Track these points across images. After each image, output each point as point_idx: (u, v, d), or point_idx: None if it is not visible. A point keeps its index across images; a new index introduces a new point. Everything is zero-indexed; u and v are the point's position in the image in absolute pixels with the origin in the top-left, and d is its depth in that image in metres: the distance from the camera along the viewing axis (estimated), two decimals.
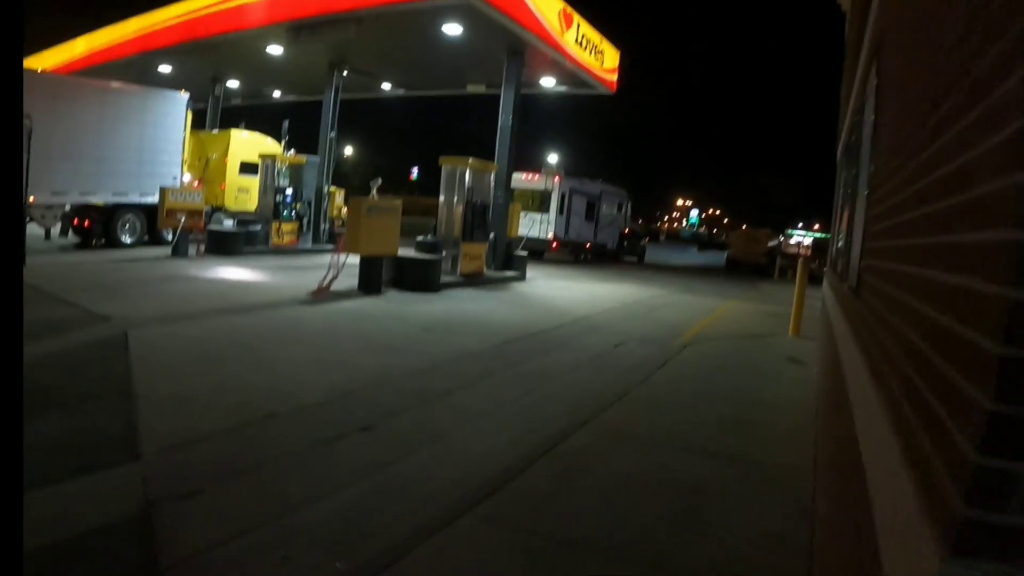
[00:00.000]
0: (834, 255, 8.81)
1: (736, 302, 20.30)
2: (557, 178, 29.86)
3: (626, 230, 38.01)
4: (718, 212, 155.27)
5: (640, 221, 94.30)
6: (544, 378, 8.45)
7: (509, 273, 19.19)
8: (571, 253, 31.51)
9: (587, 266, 29.64)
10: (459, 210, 17.14)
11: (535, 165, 31.85)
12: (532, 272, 21.52)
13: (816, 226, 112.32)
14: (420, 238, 16.55)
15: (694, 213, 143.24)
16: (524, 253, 20.16)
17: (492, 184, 18.49)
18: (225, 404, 6.30)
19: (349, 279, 13.93)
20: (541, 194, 29.93)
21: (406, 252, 15.63)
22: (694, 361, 9.89)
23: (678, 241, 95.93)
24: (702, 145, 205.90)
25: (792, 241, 60.65)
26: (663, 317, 14.89)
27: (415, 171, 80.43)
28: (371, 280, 14.20)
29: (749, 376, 9.22)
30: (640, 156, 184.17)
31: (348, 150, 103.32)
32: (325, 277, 13.49)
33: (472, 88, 26.21)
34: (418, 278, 15.08)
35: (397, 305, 12.96)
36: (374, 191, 15.32)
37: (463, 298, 14.73)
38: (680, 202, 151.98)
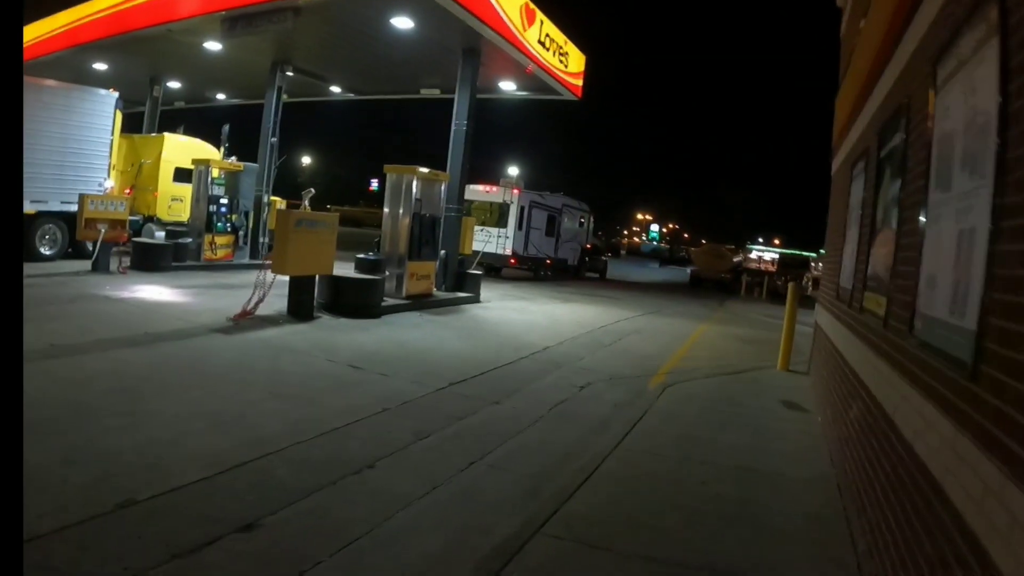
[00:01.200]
0: (851, 286, 7.18)
1: (708, 325, 18.74)
2: (516, 191, 28.18)
3: (588, 245, 36.48)
4: (677, 227, 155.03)
5: (601, 236, 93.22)
6: (494, 438, 6.71)
7: (461, 294, 17.42)
8: (530, 269, 29.84)
9: (547, 284, 27.97)
10: (405, 224, 15.33)
11: (494, 177, 30.21)
12: (488, 292, 19.77)
13: (776, 241, 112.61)
14: (360, 256, 14.70)
15: (654, 228, 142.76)
16: (479, 271, 18.37)
17: (443, 196, 16.74)
18: (72, 484, 4.53)
19: (280, 300, 12.12)
20: (499, 207, 28.23)
21: (347, 270, 13.86)
22: (675, 412, 8.18)
23: (639, 256, 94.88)
24: (662, 158, 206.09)
25: (752, 256, 59.82)
26: (633, 347, 13.22)
27: (375, 182, 78.22)
28: (301, 304, 12.37)
29: (744, 433, 7.53)
30: (601, 170, 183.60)
31: (306, 159, 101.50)
32: (250, 299, 11.62)
33: (426, 92, 24.47)
34: (356, 301, 13.25)
35: (328, 334, 11.14)
36: (306, 202, 13.47)
37: (407, 325, 12.94)
38: (640, 216, 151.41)
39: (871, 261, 6.11)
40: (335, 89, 26.49)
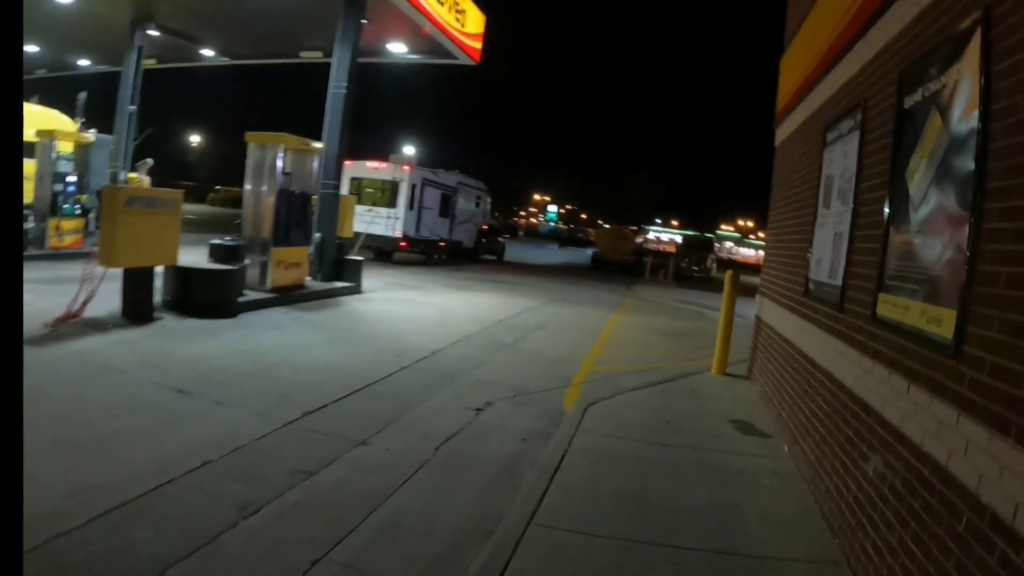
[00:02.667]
0: (843, 283, 5.31)
1: (621, 315, 16.93)
2: (407, 167, 25.84)
3: (485, 226, 34.41)
4: (575, 208, 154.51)
5: (498, 217, 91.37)
6: (353, 508, 4.64)
7: (340, 284, 15.09)
8: (423, 253, 27.59)
9: (441, 268, 25.78)
10: (270, 203, 12.92)
11: (385, 154, 27.76)
12: (373, 280, 17.51)
13: (674, 223, 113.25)
14: (215, 241, 12.21)
15: (552, 209, 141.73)
16: (360, 258, 16.02)
17: (317, 170, 14.38)
18: None
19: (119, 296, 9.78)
20: (389, 185, 25.87)
21: (202, 259, 11.47)
22: (605, 450, 6.13)
23: (538, 237, 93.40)
24: (561, 137, 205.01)
25: (651, 237, 58.86)
26: (539, 347, 11.23)
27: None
28: (138, 303, 9.88)
29: (703, 482, 5.52)
30: (499, 148, 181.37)
31: (195, 138, 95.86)
32: (75, 298, 9.09)
33: (307, 55, 21.93)
34: (208, 297, 10.81)
35: (164, 343, 8.75)
36: (143, 174, 10.91)
37: (268, 325, 10.60)
38: (538, 197, 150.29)
39: (895, 252, 4.22)
40: (208, 52, 23.71)
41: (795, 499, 5.31)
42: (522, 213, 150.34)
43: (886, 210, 4.44)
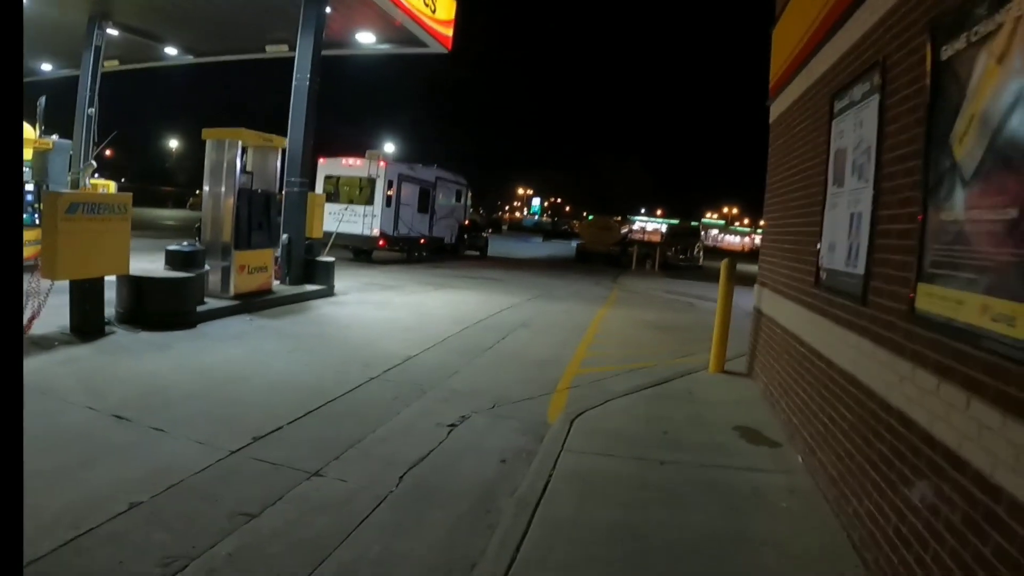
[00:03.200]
0: (866, 271, 4.56)
1: (608, 309, 16.16)
2: (383, 163, 24.99)
3: (466, 221, 33.59)
4: (559, 200, 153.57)
5: (481, 211, 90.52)
6: (298, 560, 3.87)
7: (310, 287, 14.26)
8: (403, 251, 26.75)
9: (421, 266, 24.96)
10: (230, 204, 12.08)
11: (364, 150, 26.85)
12: (347, 281, 16.70)
13: (658, 212, 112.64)
14: (172, 247, 11.36)
15: (536, 202, 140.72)
16: (331, 259, 15.16)
17: (280, 167, 13.56)
18: None
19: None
20: (365, 183, 25.01)
21: (158, 267, 10.68)
22: (594, 471, 5.32)
23: (522, 231, 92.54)
24: (543, 130, 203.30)
25: (636, 227, 58.14)
26: (521, 348, 10.44)
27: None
28: (87, 317, 9.08)
29: (711, 508, 4.72)
30: (481, 143, 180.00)
31: (174, 143, 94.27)
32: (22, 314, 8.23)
33: (272, 50, 20.94)
34: (164, 308, 9.97)
35: (111, 360, 7.93)
36: (85, 179, 10.07)
37: (228, 336, 9.78)
38: (521, 191, 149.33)
39: (939, 234, 3.47)
40: (171, 51, 22.68)
41: (818, 526, 4.54)
42: (506, 207, 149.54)
43: (923, 184, 3.68)
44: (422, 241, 27.89)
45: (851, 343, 4.68)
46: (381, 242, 24.77)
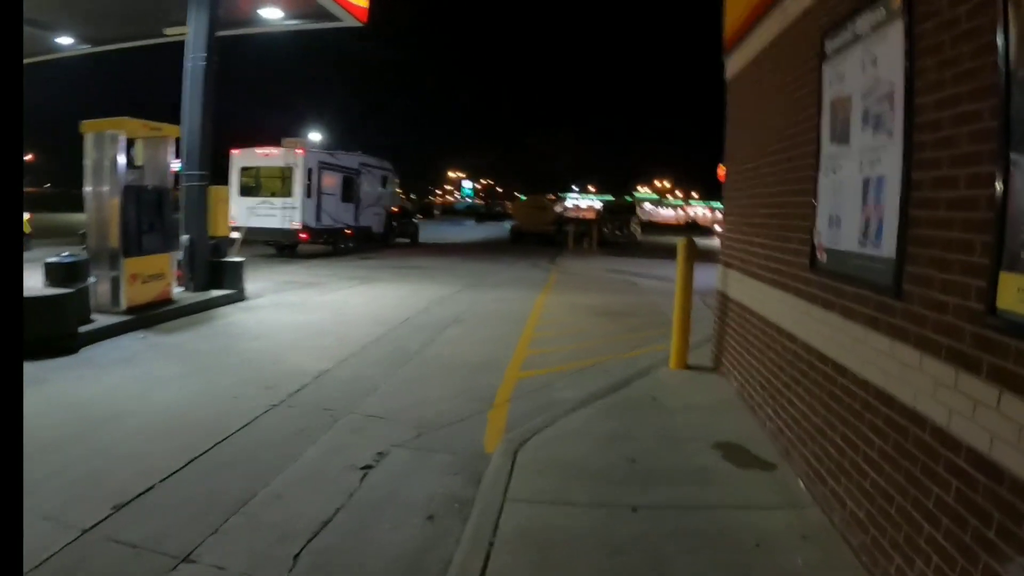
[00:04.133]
0: (897, 253, 3.41)
1: (548, 294, 15.00)
2: (300, 151, 23.36)
3: (395, 209, 32.08)
4: (492, 181, 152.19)
5: (412, 197, 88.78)
6: None
7: (217, 293, 12.77)
8: (328, 243, 25.23)
9: (348, 259, 23.47)
10: (114, 204, 10.54)
11: (286, 140, 25.12)
12: (264, 280, 15.28)
13: (591, 188, 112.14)
14: (51, 260, 9.80)
15: (467, 185, 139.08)
16: (241, 259, 13.64)
17: (171, 159, 12.04)
18: None
19: None
20: (282, 173, 23.38)
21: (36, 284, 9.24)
22: (548, 532, 4.07)
23: (455, 215, 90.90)
24: (471, 111, 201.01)
25: (569, 205, 57.26)
26: (454, 351, 9.18)
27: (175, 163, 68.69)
28: None
29: None
30: (408, 126, 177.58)
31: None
32: None
33: (172, 32, 19.03)
34: (40, 331, 8.38)
35: None
36: None
37: (114, 360, 8.31)
38: (452, 174, 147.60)
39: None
40: (65, 41, 20.59)
41: None
42: (438, 192, 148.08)
43: (1004, 133, 2.52)
44: (348, 232, 26.37)
45: (878, 347, 3.55)
46: (303, 235, 23.22)
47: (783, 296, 5.33)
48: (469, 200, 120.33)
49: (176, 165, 12.63)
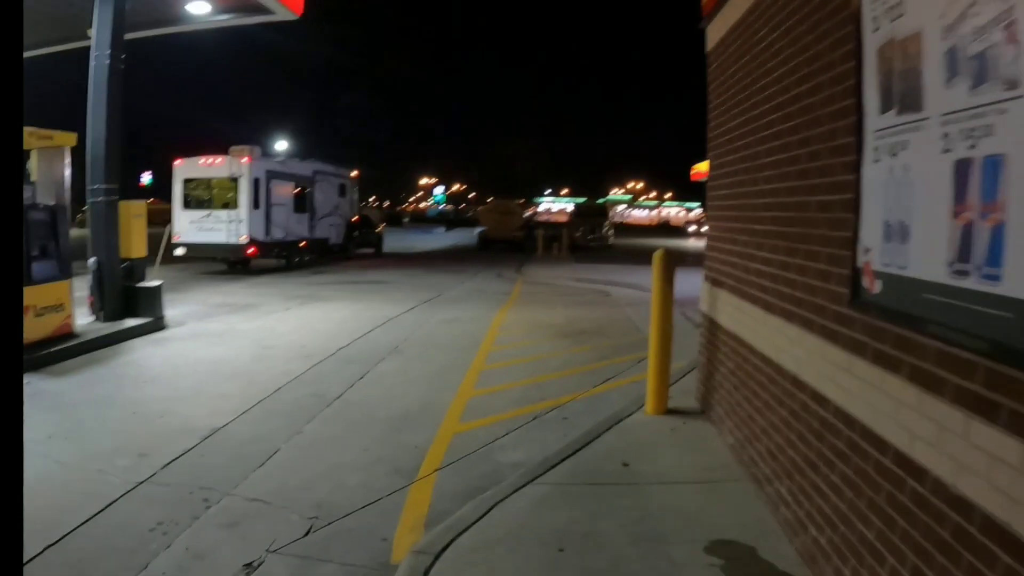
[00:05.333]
0: (989, 281, 1.84)
1: (508, 311, 13.45)
2: (246, 159, 21.58)
3: (355, 218, 30.32)
4: (464, 187, 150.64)
5: (386, 205, 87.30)
6: None
7: (131, 323, 11.07)
8: (281, 257, 23.50)
9: (301, 273, 21.79)
10: None
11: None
12: (194, 304, 13.71)
13: (564, 192, 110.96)
14: None
15: (439, 191, 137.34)
16: (158, 283, 11.90)
17: (68, 172, 10.34)
18: None
19: None
20: (228, 183, 21.61)
21: None
22: None
23: (425, 222, 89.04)
24: (439, 116, 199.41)
25: (541, 209, 55.84)
26: (383, 393, 7.55)
27: (146, 176, 65.76)
28: None
29: None
30: (377, 133, 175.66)
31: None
32: None
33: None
34: None
35: None
36: None
37: None
38: (424, 181, 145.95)
39: None
40: None
41: None
42: (411, 200, 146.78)
43: None
44: (302, 245, 24.62)
45: (997, 453, 2.01)
46: (251, 250, 21.46)
47: (803, 336, 3.77)
48: (441, 206, 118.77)
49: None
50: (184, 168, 22.14)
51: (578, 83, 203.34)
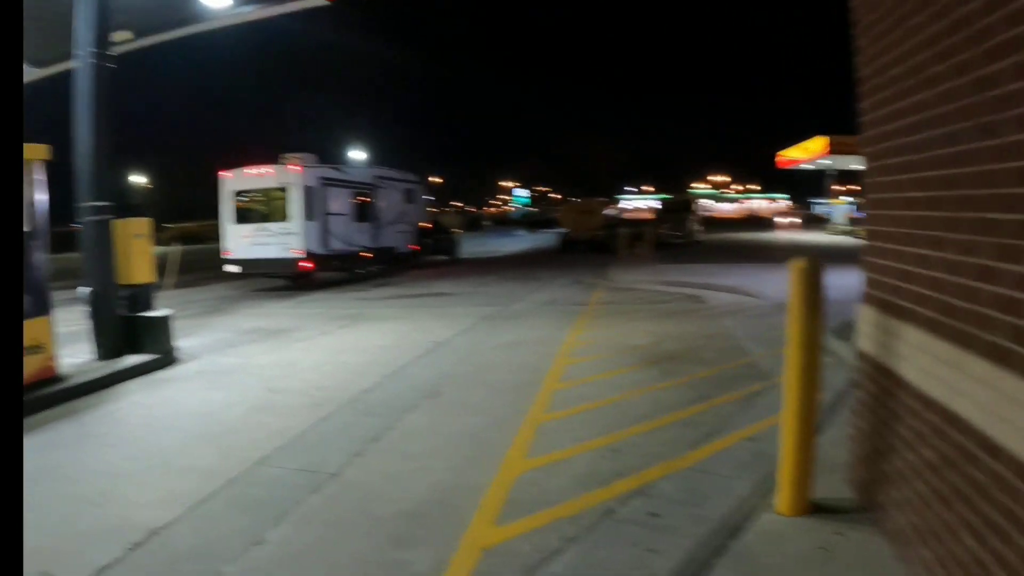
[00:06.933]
0: None
1: (581, 329, 11.25)
2: (296, 167, 19.89)
3: (426, 224, 28.52)
4: (548, 189, 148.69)
5: (449, 210, 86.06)
6: None
7: (133, 360, 9.34)
8: (341, 270, 21.86)
9: (360, 287, 20.11)
10: None
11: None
12: (221, 330, 12.01)
13: (647, 189, 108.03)
14: None
15: (521, 193, 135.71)
16: (166, 312, 10.07)
17: (43, 191, 8.60)
18: None
19: None
20: (279, 194, 20.01)
21: None
22: None
23: (509, 224, 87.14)
24: (520, 118, 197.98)
25: (624, 206, 53.33)
26: (400, 468, 5.42)
27: None
28: None
29: None
30: (456, 139, 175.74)
31: (140, 178, 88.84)
32: None
33: (118, 39, 15.86)
34: None
35: None
36: None
37: None
38: (506, 184, 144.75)
39: None
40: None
41: None
42: (493, 202, 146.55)
43: None
44: (365, 255, 22.88)
45: None
46: (307, 264, 19.78)
47: None
48: (525, 208, 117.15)
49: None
50: (232, 180, 20.70)
51: (656, 77, 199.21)
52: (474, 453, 5.59)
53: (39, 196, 8.42)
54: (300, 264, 19.69)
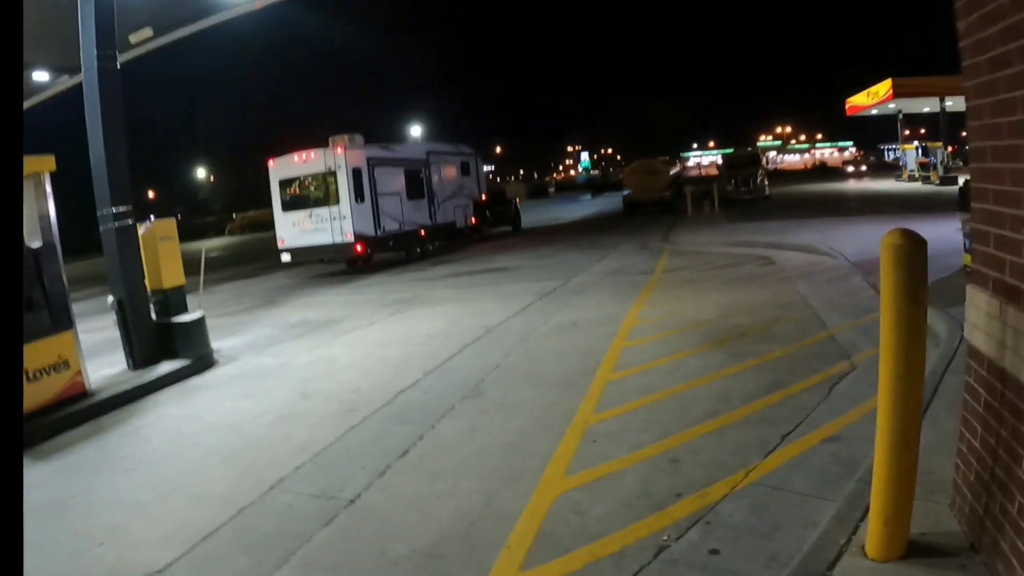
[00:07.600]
0: None
1: (644, 304, 10.45)
2: (340, 149, 19.27)
3: (483, 196, 27.79)
4: (611, 151, 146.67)
5: (534, 176, 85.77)
6: None
7: (168, 368, 8.95)
8: (399, 250, 21.38)
9: (418, 267, 19.60)
10: None
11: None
12: (267, 325, 11.61)
13: (711, 144, 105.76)
14: None
15: (585, 156, 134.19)
16: (199, 314, 9.61)
17: (51, 204, 8.14)
18: None
19: None
20: (325, 178, 19.48)
21: None
22: None
23: (573, 189, 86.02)
24: (580, 82, 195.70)
25: (690, 164, 51.79)
26: (420, 490, 4.77)
27: None
28: None
29: None
30: (518, 109, 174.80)
31: (201, 172, 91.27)
32: None
33: (136, 38, 15.44)
34: None
35: None
36: None
37: None
38: (571, 148, 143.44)
39: None
40: (41, 77, 17.44)
41: None
42: (559, 167, 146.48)
43: None
44: (422, 234, 22.33)
45: None
46: (359, 247, 19.26)
47: None
48: (589, 172, 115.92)
49: None
50: (278, 168, 20.31)
51: (716, 29, 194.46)
52: (509, 469, 4.89)
53: (50, 208, 7.97)
54: (353, 248, 19.20)
